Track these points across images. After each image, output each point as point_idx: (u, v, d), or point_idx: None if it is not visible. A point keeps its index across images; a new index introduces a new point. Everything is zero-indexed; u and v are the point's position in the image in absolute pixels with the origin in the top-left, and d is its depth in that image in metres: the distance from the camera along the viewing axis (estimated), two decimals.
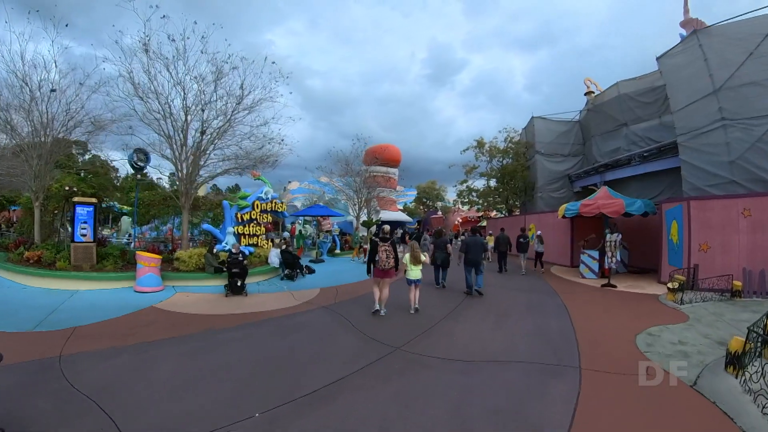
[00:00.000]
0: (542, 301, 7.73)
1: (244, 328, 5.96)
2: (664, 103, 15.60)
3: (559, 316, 6.45)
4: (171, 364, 4.33)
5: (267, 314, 6.85)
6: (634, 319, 6.60)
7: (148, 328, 5.77)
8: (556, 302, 7.61)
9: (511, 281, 10.46)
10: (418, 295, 6.95)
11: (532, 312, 6.67)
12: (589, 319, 6.38)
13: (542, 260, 13.26)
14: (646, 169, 14.91)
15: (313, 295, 8.55)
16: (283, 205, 14.79)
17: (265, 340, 5.34)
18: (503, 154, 22.73)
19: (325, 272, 12.54)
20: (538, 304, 7.36)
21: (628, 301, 8.20)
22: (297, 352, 4.77)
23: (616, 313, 7.00)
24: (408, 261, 6.88)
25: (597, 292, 8.89)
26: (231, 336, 5.56)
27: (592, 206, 10.74)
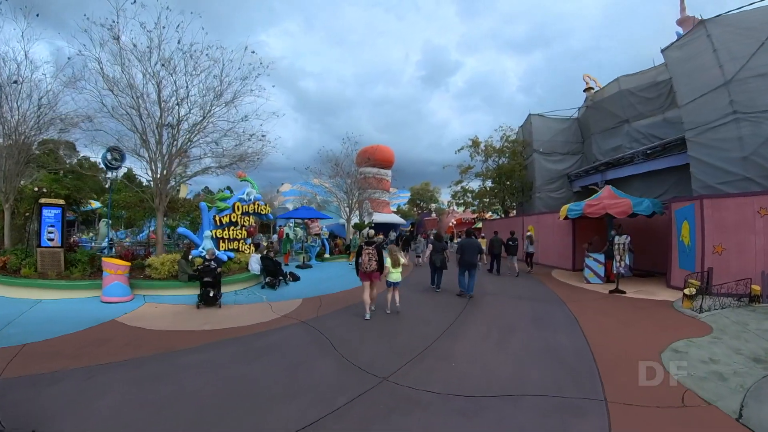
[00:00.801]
0: (548, 311, 7.02)
1: (208, 349, 5.17)
2: (668, 98, 15.10)
3: (570, 329, 5.73)
4: (114, 395, 3.65)
5: (238, 331, 6.05)
6: (653, 331, 5.93)
7: (102, 348, 5.10)
8: (564, 312, 6.89)
9: (512, 287, 9.76)
10: (398, 297, 7.22)
11: (540, 325, 5.94)
12: (604, 333, 5.67)
13: (533, 260, 13.48)
14: (649, 167, 14.36)
15: (294, 307, 7.76)
16: (267, 207, 13.95)
17: (229, 365, 4.54)
18: (499, 154, 22.12)
19: (312, 279, 11.73)
20: (545, 315, 6.64)
21: (641, 309, 7.52)
22: (264, 383, 3.98)
23: (632, 324, 6.31)
24: (389, 264, 7.10)
25: (606, 300, 8.21)
26: (191, 359, 4.78)
27: (597, 206, 10.09)
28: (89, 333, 5.78)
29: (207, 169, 12.85)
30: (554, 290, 9.23)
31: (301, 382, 3.89)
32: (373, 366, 4.22)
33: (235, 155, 12.12)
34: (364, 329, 5.86)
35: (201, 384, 3.99)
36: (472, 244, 8.80)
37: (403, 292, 9.34)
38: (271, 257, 10.44)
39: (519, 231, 17.10)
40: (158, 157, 11.67)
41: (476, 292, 8.67)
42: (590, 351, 4.85)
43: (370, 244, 7.01)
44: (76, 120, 12.77)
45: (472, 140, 22.98)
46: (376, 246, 7.03)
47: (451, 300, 8.15)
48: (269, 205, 37.27)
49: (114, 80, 10.70)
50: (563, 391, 3.67)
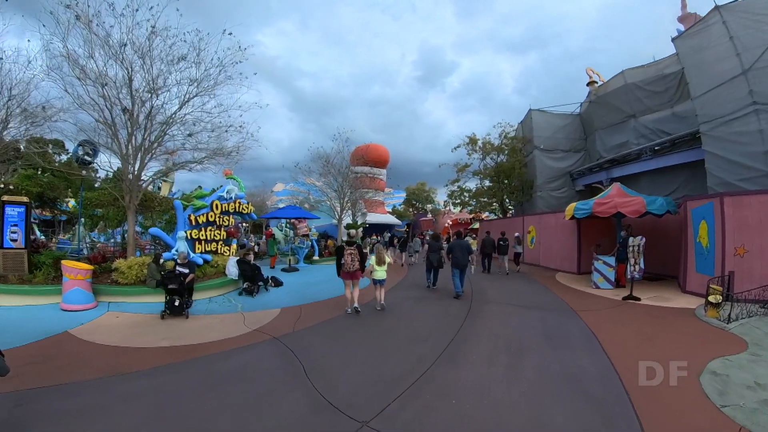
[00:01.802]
0: (560, 323, 6.21)
1: (158, 374, 4.35)
2: (677, 91, 14.45)
3: (589, 348, 4.92)
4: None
5: (198, 349, 5.21)
6: (682, 348, 5.17)
7: (40, 367, 4.44)
8: (578, 325, 6.09)
9: (515, 294, 8.97)
10: (383, 294, 7.60)
11: (554, 343, 5.11)
12: (628, 351, 4.89)
13: (520, 260, 13.90)
14: (658, 164, 13.69)
15: (270, 319, 6.92)
16: (249, 206, 13.07)
17: (176, 398, 3.70)
18: (498, 151, 21.38)
19: (296, 284, 10.86)
20: (558, 329, 5.83)
21: (661, 319, 6.77)
22: (213, 426, 3.14)
23: (657, 338, 5.54)
24: (374, 263, 7.44)
25: (621, 308, 7.44)
26: (133, 388, 3.99)
27: (608, 205, 9.35)
28: (34, 348, 5.20)
29: (183, 164, 11.96)
30: (562, 297, 8.45)
31: (259, 427, 3.05)
32: (351, 403, 3.36)
33: (210, 149, 11.22)
34: (345, 348, 5.04)
35: (133, 425, 3.16)
36: (461, 244, 9.20)
37: (399, 297, 8.71)
38: (248, 261, 9.57)
39: (520, 232, 16.38)
40: (129, 152, 10.84)
41: (477, 300, 8.01)
42: (618, 377, 4.06)
43: (350, 245, 7.27)
44: (49, 113, 11.81)
45: (470, 137, 22.22)
46: (356, 245, 7.32)
47: (449, 307, 7.37)
48: (263, 205, 36.25)
49: (81, 66, 9.85)
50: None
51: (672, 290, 9.57)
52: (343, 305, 7.51)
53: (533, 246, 15.09)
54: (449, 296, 8.73)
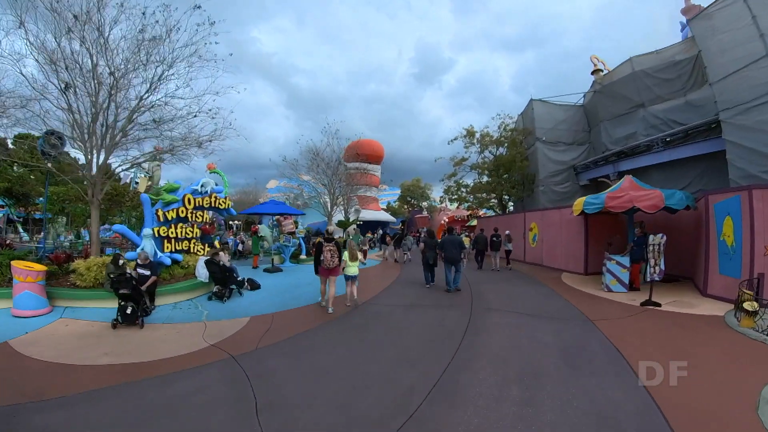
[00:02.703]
0: (577, 338, 5.26)
1: (77, 403, 3.57)
2: (689, 78, 13.62)
3: (618, 374, 3.95)
4: None
5: (139, 370, 4.34)
6: (725, 368, 4.32)
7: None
8: (599, 340, 5.13)
9: (520, 300, 8.01)
10: (356, 290, 7.64)
11: (575, 367, 4.11)
12: (666, 377, 3.98)
13: (509, 257, 14.06)
14: (670, 156, 12.86)
15: (235, 330, 5.97)
16: (227, 201, 12.03)
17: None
18: (497, 144, 20.45)
19: (275, 287, 9.89)
20: (575, 346, 4.87)
21: (689, 330, 5.89)
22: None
23: (691, 356, 4.65)
24: (346, 258, 7.41)
25: (642, 317, 6.54)
26: (41, 422, 3.16)
27: (622, 199, 8.46)
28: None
29: (152, 155, 10.95)
30: (573, 302, 7.52)
31: None
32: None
33: (177, 137, 10.23)
34: (315, 374, 4.07)
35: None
36: (453, 240, 9.25)
37: (389, 302, 7.84)
38: (216, 262, 8.58)
39: (520, 229, 15.53)
40: (93, 142, 9.91)
41: (478, 307, 7.13)
42: (661, 414, 3.15)
43: (329, 241, 7.25)
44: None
45: (467, 130, 21.25)
46: (335, 242, 7.34)
47: (445, 317, 6.41)
48: (256, 203, 35.16)
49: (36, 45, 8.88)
50: None
51: (690, 293, 8.73)
52: (321, 314, 6.82)
53: (535, 244, 14.21)
54: (446, 300, 7.86)
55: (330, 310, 7.00)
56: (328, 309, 7.04)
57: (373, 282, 10.80)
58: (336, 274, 7.28)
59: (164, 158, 25.01)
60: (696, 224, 9.96)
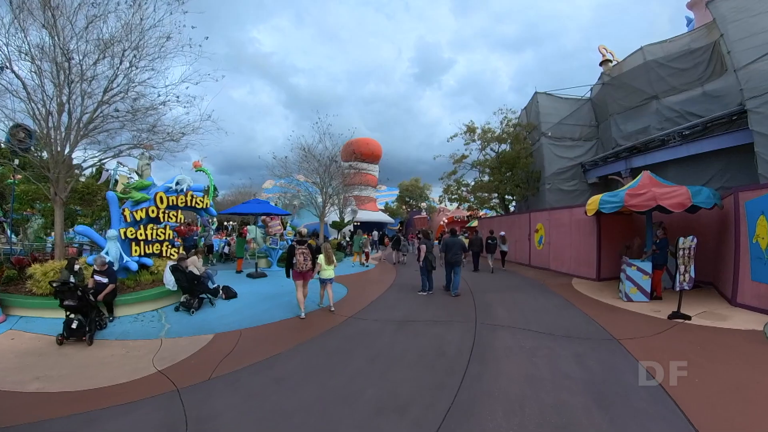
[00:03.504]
0: (606, 365, 4.18)
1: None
2: (707, 67, 12.76)
3: (670, 421, 3.01)
4: None
5: (63, 404, 3.56)
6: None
7: None
8: (632, 367, 4.09)
9: (531, 312, 7.00)
10: (331, 293, 7.43)
11: (609, 409, 3.15)
12: (727, 421, 3.08)
13: (505, 258, 14.07)
14: (688, 151, 11.98)
15: (192, 350, 5.10)
16: (206, 199, 11.12)
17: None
18: (499, 141, 19.54)
19: (254, 296, 8.98)
20: (606, 379, 3.87)
21: (733, 350, 4.99)
22: None
23: (749, 388, 3.75)
24: (322, 261, 7.24)
25: (674, 334, 5.62)
26: None
27: (644, 197, 7.57)
28: None
29: (119, 149, 10.02)
30: (592, 316, 6.57)
31: None
32: None
33: (142, 129, 9.34)
34: (271, 423, 3.16)
35: None
36: (457, 242, 9.14)
37: (379, 316, 6.77)
38: (182, 268, 7.66)
39: (525, 230, 14.66)
40: (55, 135, 9.06)
41: (483, 323, 6.19)
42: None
43: (302, 243, 7.15)
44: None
45: (467, 126, 20.37)
46: (308, 245, 7.21)
47: (444, 339, 5.39)
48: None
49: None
50: None
51: (717, 303, 7.85)
52: (298, 330, 5.98)
53: (542, 247, 13.30)
54: (445, 313, 6.96)
55: (302, 315, 6.81)
56: (301, 314, 6.85)
57: (365, 289, 9.91)
58: (309, 278, 7.20)
59: (152, 156, 23.86)
60: (720, 224, 9.09)
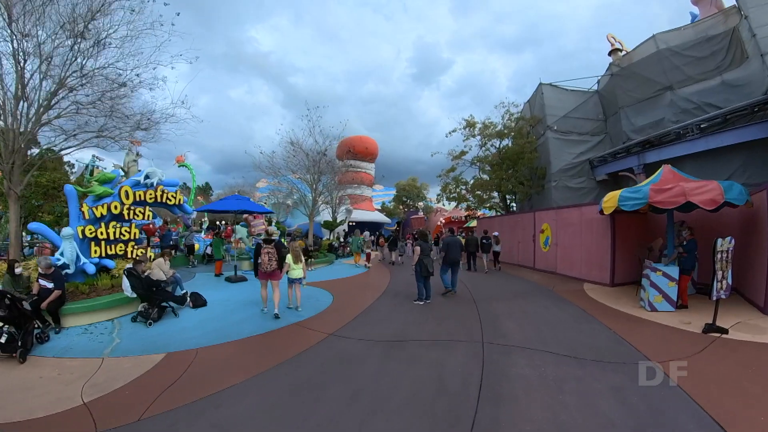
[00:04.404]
0: (652, 401, 3.29)
1: None
2: (727, 54, 11.99)
3: None
4: None
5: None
6: None
7: None
8: (686, 405, 3.24)
9: (547, 327, 6.00)
10: (299, 293, 7.37)
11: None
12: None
13: (498, 259, 14.31)
14: (707, 144, 11.18)
15: (133, 376, 4.22)
16: (178, 195, 10.17)
17: None
18: (500, 137, 18.64)
19: (228, 303, 8.04)
20: (659, 424, 3.03)
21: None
22: None
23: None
24: (290, 261, 7.16)
25: (716, 353, 4.75)
26: None
27: (672, 192, 6.71)
28: None
29: (72, 135, 9.07)
30: (616, 330, 5.59)
31: None
32: None
33: (94, 113, 8.43)
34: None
35: None
36: (457, 241, 9.24)
37: (366, 335, 5.67)
38: (137, 273, 6.73)
39: (529, 231, 13.82)
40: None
41: (492, 343, 5.21)
42: None
43: (269, 243, 7.16)
44: None
45: (467, 120, 19.47)
46: (275, 244, 7.18)
47: (445, 366, 4.42)
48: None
49: None
50: None
51: (747, 311, 7.02)
52: (266, 351, 5.11)
53: (548, 249, 12.44)
54: (445, 330, 6.00)
55: (276, 312, 6.76)
56: (274, 311, 6.82)
57: (354, 296, 8.97)
58: (276, 278, 7.08)
59: (140, 152, 22.41)
60: (744, 224, 8.29)
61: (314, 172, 15.59)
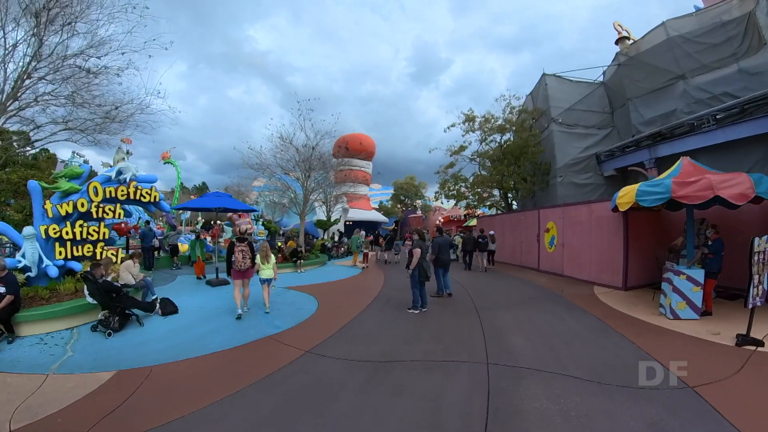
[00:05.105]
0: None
1: None
2: (744, 40, 11.36)
3: None
4: None
5: None
6: None
7: None
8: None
9: (561, 341, 5.19)
10: (269, 294, 7.30)
11: None
12: None
13: (493, 258, 14.41)
14: (725, 136, 10.55)
15: (70, 400, 3.66)
16: (153, 191, 9.48)
17: None
18: (501, 132, 17.94)
19: (202, 311, 7.36)
20: None
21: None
22: None
23: None
24: (259, 261, 7.15)
25: (755, 371, 4.08)
26: None
27: (699, 185, 6.05)
28: None
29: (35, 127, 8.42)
30: (641, 346, 4.87)
31: None
32: None
33: (59, 102, 7.78)
34: None
35: None
36: (446, 242, 9.04)
37: (351, 351, 4.88)
38: (93, 277, 6.05)
39: (532, 230, 13.16)
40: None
41: (498, 365, 4.43)
42: None
43: (242, 241, 7.12)
44: None
45: (466, 114, 18.76)
46: (248, 242, 7.15)
47: (442, 397, 3.71)
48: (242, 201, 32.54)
49: None
50: None
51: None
52: (229, 371, 4.41)
53: (553, 249, 11.77)
54: (442, 346, 5.21)
55: (244, 309, 6.86)
56: (244, 308, 6.91)
57: (342, 303, 8.21)
58: (249, 277, 7.10)
59: (129, 150, 21.64)
60: (766, 222, 7.70)
61: (305, 168, 14.88)
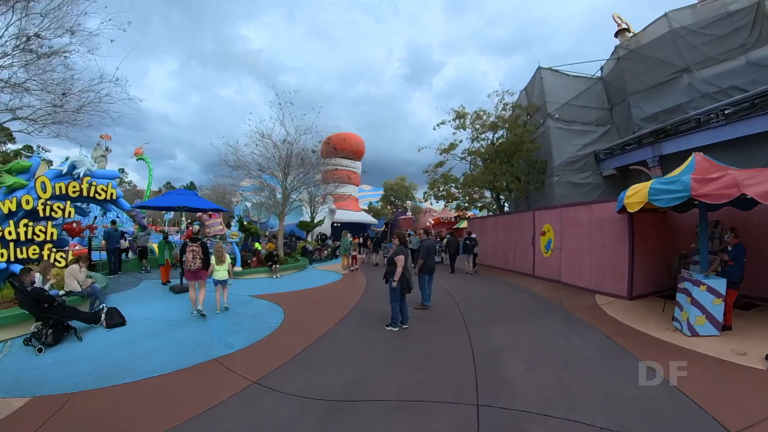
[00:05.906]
0: None
1: None
2: (752, 31, 10.82)
3: None
4: None
5: None
6: None
7: None
8: None
9: (566, 370, 4.38)
10: (226, 294, 7.41)
11: None
12: None
13: (476, 261, 14.14)
14: (735, 132, 9.97)
15: None
16: (110, 188, 8.57)
17: None
18: (493, 129, 17.20)
19: (153, 322, 6.46)
20: None
21: None
22: None
23: None
24: (213, 262, 7.19)
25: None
26: None
27: (722, 182, 5.34)
28: None
29: None
30: (662, 374, 4.06)
31: None
32: None
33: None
34: None
35: None
36: (432, 246, 8.44)
37: (310, 383, 3.74)
38: (19, 284, 5.19)
39: (527, 232, 12.45)
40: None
41: (495, 407, 3.51)
42: None
43: (194, 241, 7.19)
44: None
45: (456, 111, 17.96)
46: (201, 243, 7.22)
47: None
48: (228, 202, 31.36)
49: None
50: None
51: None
52: (155, 407, 3.59)
53: (549, 253, 11.06)
54: (424, 380, 4.26)
55: (198, 309, 6.83)
56: (195, 310, 6.87)
57: (312, 315, 7.27)
58: (201, 278, 7.08)
59: (109, 147, 20.44)
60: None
61: (284, 165, 13.99)
